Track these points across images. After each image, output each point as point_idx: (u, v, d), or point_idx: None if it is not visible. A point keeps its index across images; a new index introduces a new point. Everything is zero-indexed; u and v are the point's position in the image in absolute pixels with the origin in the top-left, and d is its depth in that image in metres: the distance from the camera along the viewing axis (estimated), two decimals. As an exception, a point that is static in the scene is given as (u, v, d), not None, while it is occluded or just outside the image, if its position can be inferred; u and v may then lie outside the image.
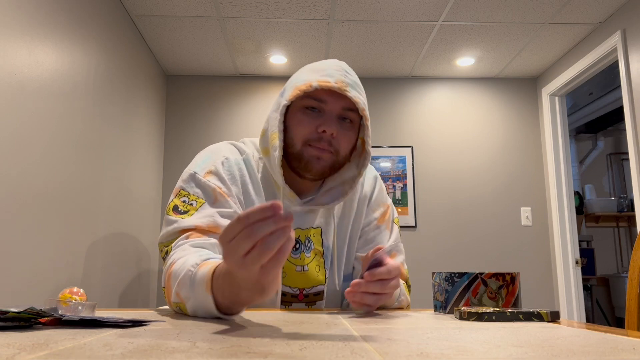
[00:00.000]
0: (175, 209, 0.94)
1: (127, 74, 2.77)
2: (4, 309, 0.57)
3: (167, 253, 0.90)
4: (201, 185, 0.96)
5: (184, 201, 0.95)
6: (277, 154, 0.94)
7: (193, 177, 0.98)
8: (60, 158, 1.96)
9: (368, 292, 0.80)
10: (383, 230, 1.09)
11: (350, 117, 0.96)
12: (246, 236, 0.53)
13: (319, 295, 1.02)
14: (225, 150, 1.03)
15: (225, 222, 0.91)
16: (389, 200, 1.15)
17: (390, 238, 1.09)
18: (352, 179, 1.03)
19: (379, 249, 0.83)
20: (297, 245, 1.01)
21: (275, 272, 0.56)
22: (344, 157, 0.99)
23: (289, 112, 0.97)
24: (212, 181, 0.96)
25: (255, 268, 0.54)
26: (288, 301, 1.00)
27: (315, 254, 1.02)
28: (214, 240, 0.88)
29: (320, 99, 0.94)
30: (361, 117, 0.99)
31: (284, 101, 0.95)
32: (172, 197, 0.98)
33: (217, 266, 0.68)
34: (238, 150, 1.04)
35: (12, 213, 1.62)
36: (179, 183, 0.99)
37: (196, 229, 0.90)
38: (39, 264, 1.79)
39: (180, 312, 0.78)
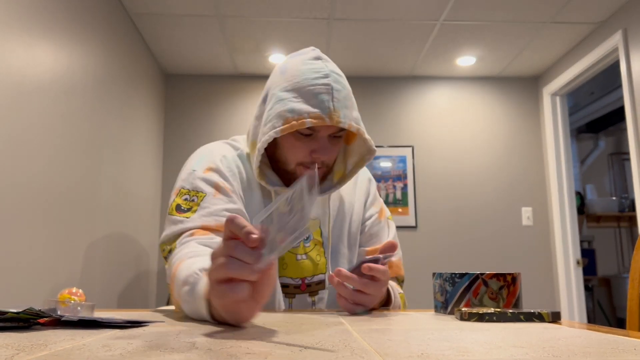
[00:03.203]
0: (179, 208, 0.94)
1: (125, 73, 2.76)
2: (2, 309, 0.57)
3: (170, 251, 0.90)
4: (202, 180, 0.96)
5: (186, 199, 0.95)
6: (258, 169, 0.97)
7: (192, 175, 0.98)
8: (59, 158, 1.96)
9: (356, 291, 0.81)
10: (384, 226, 1.13)
11: (342, 133, 0.98)
12: (223, 266, 0.51)
13: (321, 284, 1.02)
14: (221, 148, 1.04)
15: None
16: (382, 200, 1.20)
17: (389, 234, 1.13)
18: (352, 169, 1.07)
19: (384, 246, 0.85)
20: None
21: (247, 315, 0.55)
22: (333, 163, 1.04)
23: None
24: (213, 176, 0.97)
25: (224, 301, 0.53)
26: (291, 293, 1.01)
27: (315, 244, 1.03)
28: (219, 239, 0.87)
29: (313, 128, 0.94)
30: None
31: (273, 133, 0.91)
32: (172, 197, 0.98)
33: None
34: (232, 147, 1.05)
35: (10, 213, 1.62)
36: (178, 182, 0.99)
37: (202, 228, 0.89)
38: (37, 264, 1.79)
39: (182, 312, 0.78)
